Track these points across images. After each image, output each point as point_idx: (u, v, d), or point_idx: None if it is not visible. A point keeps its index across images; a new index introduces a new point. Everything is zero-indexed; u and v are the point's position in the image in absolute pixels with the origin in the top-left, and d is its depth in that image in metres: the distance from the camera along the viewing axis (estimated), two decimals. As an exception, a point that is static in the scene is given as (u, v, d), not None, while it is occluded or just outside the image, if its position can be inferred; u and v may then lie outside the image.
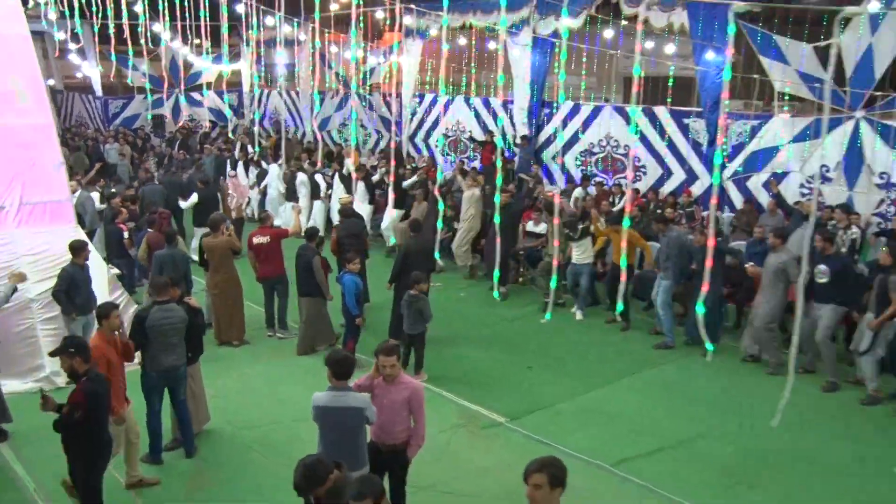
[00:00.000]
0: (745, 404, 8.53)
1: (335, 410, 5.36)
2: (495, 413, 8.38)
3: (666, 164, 14.73)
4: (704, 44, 13.52)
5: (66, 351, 5.70)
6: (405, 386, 5.69)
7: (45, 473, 6.89)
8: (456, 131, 18.24)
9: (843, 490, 6.98)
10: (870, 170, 12.20)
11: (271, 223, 10.93)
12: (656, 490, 6.90)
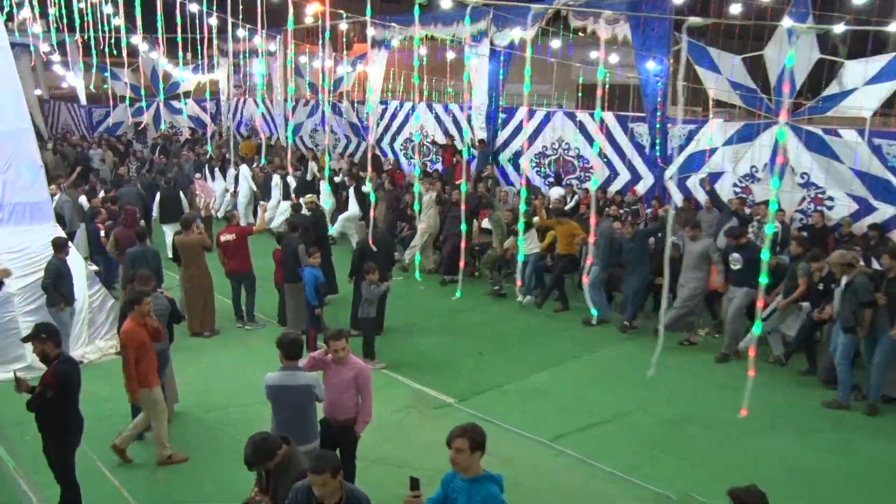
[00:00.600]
0: (672, 381, 8.87)
1: (286, 389, 5.59)
2: (445, 394, 8.64)
3: (613, 166, 15.05)
4: (644, 54, 13.88)
5: (38, 336, 5.88)
6: (352, 367, 5.93)
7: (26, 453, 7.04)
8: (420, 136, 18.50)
9: (734, 447, 7.45)
10: (792, 171, 12.59)
11: (237, 222, 11.15)
12: (587, 461, 7.20)
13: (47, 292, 8.72)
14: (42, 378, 5.80)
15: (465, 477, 4.27)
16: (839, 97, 11.99)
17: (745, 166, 13.18)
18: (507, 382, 9.02)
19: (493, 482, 4.25)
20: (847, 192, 12.08)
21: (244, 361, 9.40)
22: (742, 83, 13.06)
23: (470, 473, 4.26)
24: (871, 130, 11.74)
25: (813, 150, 12.30)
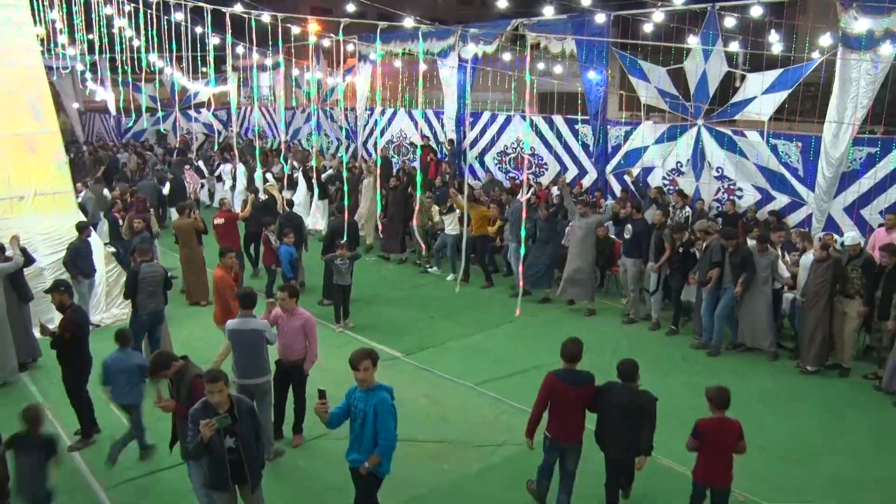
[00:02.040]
0: (587, 339, 9.73)
1: (242, 332, 6.56)
2: (395, 350, 9.57)
3: (562, 162, 15.94)
4: (587, 65, 14.75)
5: (58, 289, 6.96)
6: (300, 316, 6.88)
7: (52, 393, 8.06)
8: (399, 138, 19.38)
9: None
10: (709, 166, 13.46)
11: (228, 208, 12.16)
12: (503, 400, 8.11)
13: (67, 268, 9.69)
14: (60, 323, 6.83)
15: (364, 389, 5.10)
16: (743, 104, 12.86)
17: (672, 162, 14.07)
18: (448, 341, 9.96)
19: (384, 390, 5.12)
20: (752, 184, 12.97)
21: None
22: (667, 91, 13.93)
23: (368, 385, 5.10)
24: (769, 132, 12.63)
25: (725, 149, 13.19)
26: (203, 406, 4.84)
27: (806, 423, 7.61)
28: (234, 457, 4.92)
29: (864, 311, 8.56)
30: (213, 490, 5.05)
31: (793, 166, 12.40)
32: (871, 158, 11.50)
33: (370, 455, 5.03)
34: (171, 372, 5.49)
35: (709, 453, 5.39)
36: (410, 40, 17.95)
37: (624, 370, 5.63)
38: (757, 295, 9.28)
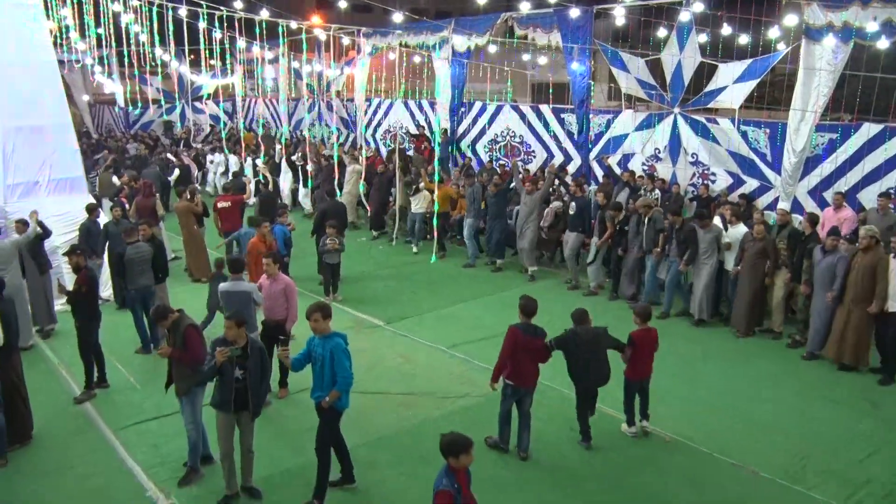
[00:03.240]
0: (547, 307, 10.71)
1: (231, 293, 7.63)
2: (377, 319, 10.63)
3: (549, 149, 16.90)
4: (572, 57, 15.68)
5: (75, 252, 8.13)
6: (281, 281, 7.93)
7: (65, 354, 9.19)
8: (395, 127, 20.39)
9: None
10: (685, 152, 14.38)
11: (233, 192, 13.23)
12: (470, 360, 9.14)
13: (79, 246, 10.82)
14: (76, 280, 7.99)
15: (320, 337, 6.08)
16: (716, 92, 13.75)
17: (651, 148, 14.99)
18: (427, 311, 11.01)
19: (339, 337, 6.08)
20: (724, 169, 13.87)
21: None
22: (646, 81, 14.86)
23: (323, 334, 6.06)
24: (739, 119, 13.54)
25: (699, 135, 14.09)
26: (222, 339, 5.97)
27: (739, 380, 8.59)
28: (241, 386, 5.99)
29: (789, 278, 9.53)
30: (217, 409, 6.09)
31: (761, 152, 13.29)
32: (833, 144, 12.37)
33: (330, 391, 6.02)
34: (168, 322, 6.54)
35: (638, 356, 6.99)
36: (406, 34, 18.98)
37: (577, 316, 6.92)
38: (701, 267, 10.37)
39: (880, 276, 8.44)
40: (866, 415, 7.66)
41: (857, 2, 11.55)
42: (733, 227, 10.51)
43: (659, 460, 6.82)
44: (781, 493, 6.28)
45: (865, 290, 8.59)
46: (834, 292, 8.92)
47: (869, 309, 8.57)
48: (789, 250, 9.76)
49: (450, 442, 4.63)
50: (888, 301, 8.50)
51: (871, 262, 8.52)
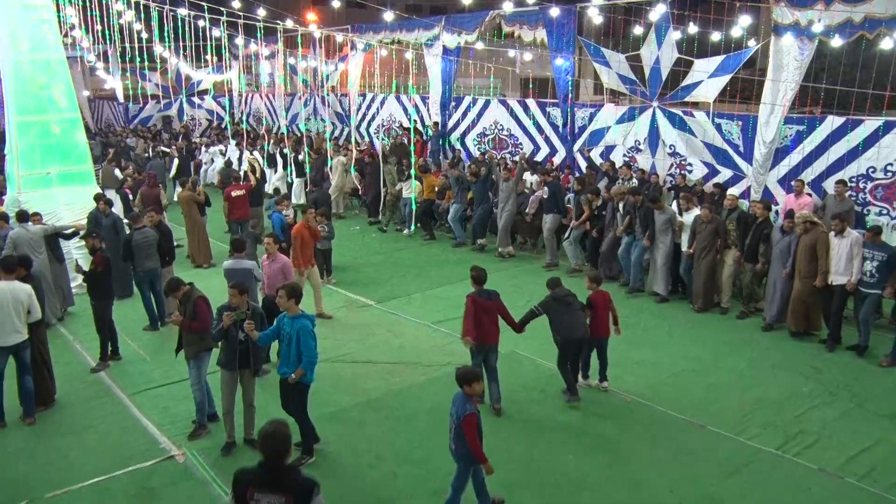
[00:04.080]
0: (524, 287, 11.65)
1: (234, 270, 8.50)
2: (368, 299, 11.51)
3: (536, 142, 17.76)
4: (556, 53, 16.54)
5: (91, 235, 9.00)
6: (279, 261, 8.81)
7: (79, 332, 10.06)
8: (388, 121, 21.24)
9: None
10: (663, 143, 15.25)
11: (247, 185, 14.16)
12: (452, 334, 9.91)
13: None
14: (92, 262, 8.85)
15: (289, 316, 6.73)
16: (692, 87, 14.63)
17: (631, 140, 15.86)
18: (415, 292, 11.88)
19: (306, 318, 6.73)
20: (700, 159, 14.75)
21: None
22: (626, 76, 15.72)
23: (292, 314, 6.72)
24: (714, 112, 14.41)
25: (676, 128, 14.97)
26: (227, 305, 6.82)
27: (698, 349, 9.49)
28: (243, 347, 6.84)
29: (739, 256, 10.52)
30: (223, 368, 6.95)
31: (734, 143, 14.16)
32: (800, 135, 13.25)
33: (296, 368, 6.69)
34: (181, 294, 7.41)
35: (596, 316, 8.04)
36: (399, 30, 19.82)
37: (552, 282, 7.97)
38: (657, 247, 11.43)
39: (821, 253, 9.43)
40: (810, 378, 8.55)
41: (821, 1, 12.41)
42: (688, 213, 11.48)
43: (619, 417, 7.70)
44: (725, 443, 7.15)
45: (809, 267, 9.59)
46: (787, 269, 9.92)
47: (814, 283, 9.54)
48: (738, 231, 10.79)
49: (465, 373, 5.74)
50: (830, 275, 9.46)
51: (812, 242, 9.52)
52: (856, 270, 9.25)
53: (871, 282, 9.23)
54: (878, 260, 9.12)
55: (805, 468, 6.68)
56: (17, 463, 7.03)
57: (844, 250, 9.33)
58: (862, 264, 9.24)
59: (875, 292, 9.27)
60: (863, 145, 12.34)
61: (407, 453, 7.05)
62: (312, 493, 3.98)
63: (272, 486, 3.99)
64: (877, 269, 9.12)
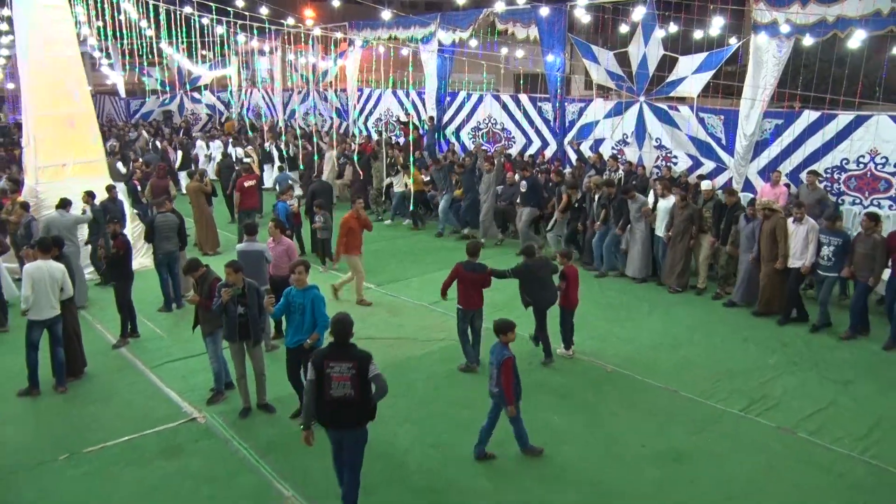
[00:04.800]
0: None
1: (247, 252, 9.30)
2: (369, 283, 12.27)
3: (528, 135, 18.60)
4: (548, 50, 17.37)
5: (112, 220, 9.77)
6: (284, 243, 9.64)
7: (98, 314, 10.87)
8: (386, 116, 22.07)
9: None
10: (650, 137, 16.11)
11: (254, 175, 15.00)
12: (448, 314, 10.65)
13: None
14: (113, 245, 9.65)
15: (299, 288, 7.55)
16: (677, 82, 15.48)
17: (619, 133, 16.72)
18: (412, 276, 12.75)
19: (315, 288, 7.59)
20: (685, 152, 15.60)
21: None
22: (614, 72, 16.57)
23: (303, 286, 7.55)
24: (697, 106, 15.26)
25: (662, 121, 15.82)
26: (224, 283, 7.60)
27: (674, 326, 10.37)
28: (243, 320, 7.66)
29: (713, 241, 11.43)
30: (227, 340, 7.78)
31: (717, 136, 15.01)
32: (779, 129, 14.11)
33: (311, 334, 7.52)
34: (198, 274, 8.22)
35: (569, 287, 9.04)
36: (395, 27, 20.65)
37: (526, 250, 8.95)
38: (634, 233, 12.46)
39: (780, 238, 10.39)
40: (775, 351, 9.44)
41: (798, 2, 13.26)
42: (664, 200, 12.38)
43: (599, 384, 8.55)
44: (695, 406, 8.02)
45: (770, 250, 10.56)
46: (753, 254, 10.88)
47: (775, 265, 10.52)
48: (714, 218, 11.76)
49: (501, 324, 6.83)
50: (789, 258, 10.43)
51: (771, 227, 10.50)
52: (810, 255, 10.22)
53: (828, 265, 10.20)
54: (834, 245, 10.07)
55: (765, 426, 7.56)
56: (52, 424, 7.86)
57: (801, 236, 10.30)
58: (818, 249, 10.20)
59: (832, 275, 10.22)
60: (837, 138, 13.21)
61: (407, 415, 7.89)
62: (369, 362, 5.74)
63: (341, 357, 5.77)
64: (833, 253, 10.07)
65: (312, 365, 5.79)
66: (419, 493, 6.52)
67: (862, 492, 6.43)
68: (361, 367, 5.70)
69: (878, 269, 9.70)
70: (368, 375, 5.72)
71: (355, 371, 5.70)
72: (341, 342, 5.83)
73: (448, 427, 7.62)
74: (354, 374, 5.71)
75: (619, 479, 6.67)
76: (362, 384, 5.74)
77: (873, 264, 9.70)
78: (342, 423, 5.87)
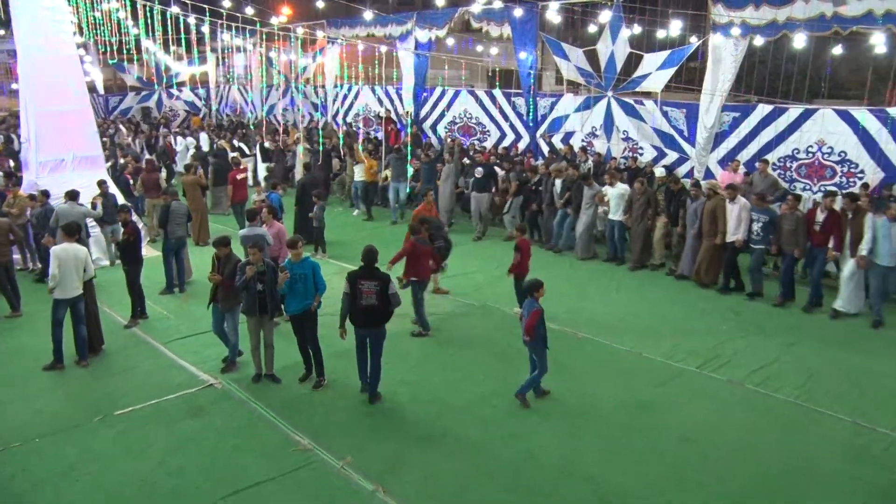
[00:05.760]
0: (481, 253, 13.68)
1: (249, 236, 10.36)
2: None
3: (502, 129, 19.80)
4: (520, 47, 18.56)
5: (123, 209, 10.79)
6: (275, 227, 10.76)
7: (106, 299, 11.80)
8: (364, 111, 23.14)
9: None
10: (617, 129, 17.40)
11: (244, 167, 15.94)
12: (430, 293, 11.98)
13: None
14: (124, 232, 10.65)
15: (295, 261, 8.74)
16: (642, 78, 16.76)
17: (589, 126, 17.98)
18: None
19: (310, 258, 8.86)
20: (650, 144, 16.91)
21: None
22: (584, 68, 17.82)
23: (300, 259, 8.77)
24: (661, 101, 16.57)
25: (629, 115, 17.11)
26: (246, 262, 8.67)
27: (638, 300, 11.75)
28: (261, 295, 8.73)
29: (666, 222, 12.92)
30: (247, 315, 8.83)
31: (680, 128, 16.33)
32: (736, 121, 15.46)
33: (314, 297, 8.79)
34: (227, 251, 9.18)
35: (522, 258, 10.50)
36: (373, 25, 21.70)
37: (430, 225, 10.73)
38: (582, 216, 14.10)
39: (719, 217, 12.01)
40: (729, 319, 10.80)
41: (752, 4, 14.59)
42: (613, 188, 13.91)
43: (572, 349, 9.76)
44: (657, 365, 9.29)
45: (711, 228, 12.16)
46: (694, 230, 12.53)
47: (714, 241, 12.15)
48: (665, 202, 13.40)
49: (532, 284, 8.24)
50: (728, 235, 12.04)
51: (712, 207, 12.13)
52: (742, 230, 11.89)
53: (757, 239, 11.89)
54: (762, 221, 11.76)
55: (717, 380, 8.85)
56: (81, 394, 8.83)
57: (735, 214, 11.95)
58: (750, 225, 11.86)
59: (760, 247, 11.89)
60: (788, 130, 14.59)
61: (402, 377, 9.03)
62: (389, 282, 8.16)
63: (370, 277, 8.22)
64: (762, 228, 11.76)
65: (348, 281, 8.22)
66: (418, 440, 7.65)
67: (795, 429, 7.72)
68: (383, 285, 8.08)
69: (801, 241, 11.40)
70: (388, 292, 8.06)
71: (379, 288, 8.08)
72: (369, 266, 8.23)
73: (441, 386, 8.79)
74: (378, 290, 8.07)
75: (591, 423, 7.88)
76: (384, 297, 8.08)
77: (797, 238, 11.36)
78: (370, 324, 8.22)
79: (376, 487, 6.72)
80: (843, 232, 11.12)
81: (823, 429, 7.73)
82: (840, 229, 11.14)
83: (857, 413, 8.00)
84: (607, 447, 7.42)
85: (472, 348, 9.88)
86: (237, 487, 6.78)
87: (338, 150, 19.84)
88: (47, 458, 7.33)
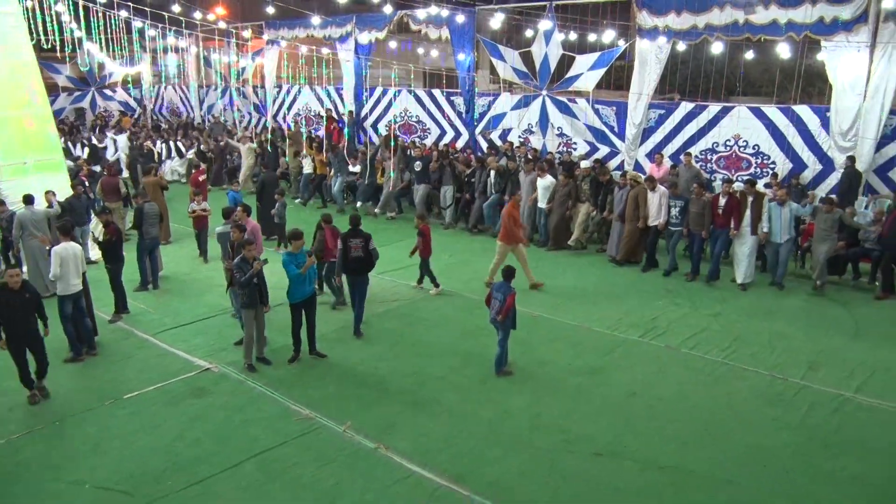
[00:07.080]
0: (458, 245, 15.10)
1: (225, 233, 11.41)
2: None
3: (442, 127, 21.18)
4: (458, 49, 19.96)
5: (104, 212, 11.65)
6: (249, 223, 11.82)
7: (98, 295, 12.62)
8: (305, 111, 24.14)
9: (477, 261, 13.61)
10: (552, 126, 19.01)
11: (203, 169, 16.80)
12: (396, 281, 13.25)
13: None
14: (106, 232, 11.53)
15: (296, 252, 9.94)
16: (575, 78, 18.42)
17: (525, 123, 19.54)
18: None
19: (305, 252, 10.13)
20: (583, 139, 18.59)
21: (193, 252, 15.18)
22: (519, 69, 19.36)
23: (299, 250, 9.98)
24: (593, 99, 18.26)
25: (562, 112, 18.74)
26: (242, 258, 9.75)
27: (583, 282, 13.31)
28: (258, 289, 9.85)
29: (591, 209, 14.69)
30: (247, 308, 9.92)
31: (610, 125, 18.06)
32: (661, 118, 17.26)
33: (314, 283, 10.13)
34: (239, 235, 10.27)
35: (424, 241, 12.49)
36: (312, 28, 22.74)
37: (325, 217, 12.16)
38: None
39: (641, 203, 14.00)
40: (662, 297, 12.53)
41: (674, 11, 16.37)
42: (542, 179, 15.70)
43: (529, 326, 11.17)
44: (604, 336, 10.87)
45: (634, 213, 14.11)
46: (615, 214, 14.58)
47: (637, 225, 14.11)
48: (591, 191, 15.30)
49: (508, 271, 9.63)
50: (650, 219, 14.03)
51: (635, 195, 14.08)
52: (663, 215, 13.90)
53: (675, 222, 13.86)
54: (678, 207, 13.74)
55: (656, 346, 10.48)
56: (86, 381, 9.74)
57: (655, 201, 13.94)
58: (668, 210, 13.80)
59: (677, 229, 13.84)
60: (708, 125, 16.45)
61: (381, 355, 10.32)
62: (370, 239, 10.79)
63: (356, 236, 10.76)
64: (679, 213, 13.73)
65: (341, 240, 10.83)
66: (405, 406, 8.94)
67: (723, 382, 9.41)
68: (366, 242, 10.77)
69: (707, 223, 13.33)
70: (370, 247, 10.79)
71: (364, 244, 10.75)
72: (355, 227, 10.88)
73: (418, 360, 10.11)
74: (363, 245, 10.74)
75: (551, 386, 9.36)
76: (367, 251, 10.79)
77: (703, 220, 13.35)
78: (357, 271, 10.84)
79: (377, 445, 8.00)
80: (742, 214, 12.96)
81: (746, 382, 9.43)
82: (739, 212, 13.00)
83: (773, 368, 9.76)
84: (568, 405, 8.89)
85: (438, 328, 11.21)
86: (253, 452, 7.93)
87: (283, 148, 20.84)
88: (72, 438, 8.30)
